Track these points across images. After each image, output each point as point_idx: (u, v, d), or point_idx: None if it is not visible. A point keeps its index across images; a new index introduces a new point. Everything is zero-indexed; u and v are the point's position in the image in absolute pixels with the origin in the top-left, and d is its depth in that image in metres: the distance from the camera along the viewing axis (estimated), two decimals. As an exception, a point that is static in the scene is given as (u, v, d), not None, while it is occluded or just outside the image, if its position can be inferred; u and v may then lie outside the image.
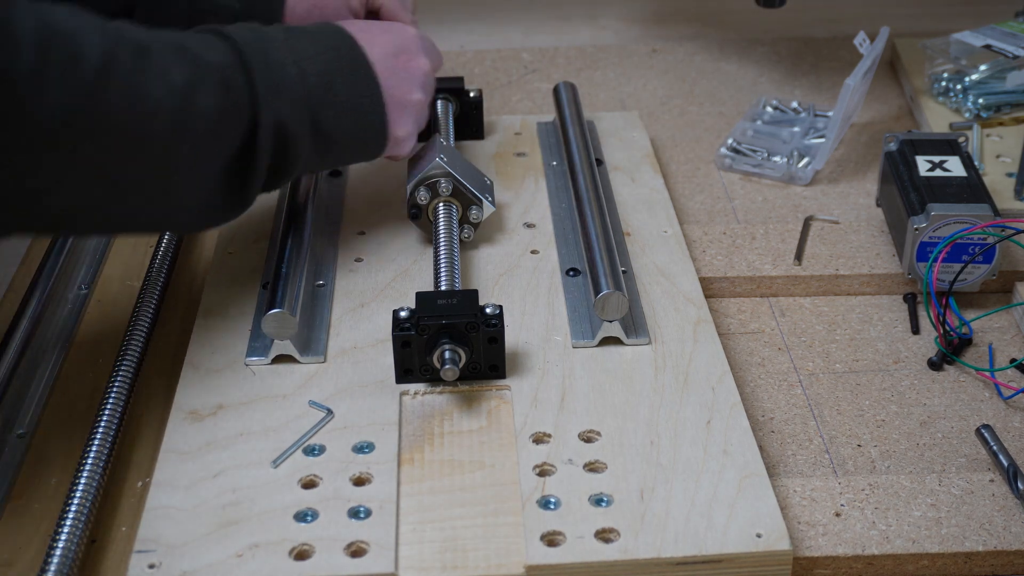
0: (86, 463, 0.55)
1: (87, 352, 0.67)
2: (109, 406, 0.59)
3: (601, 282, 0.62)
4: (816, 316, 0.70)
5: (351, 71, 0.61)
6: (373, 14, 0.79)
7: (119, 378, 0.61)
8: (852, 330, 0.69)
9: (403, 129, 0.64)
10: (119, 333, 0.66)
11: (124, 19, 0.73)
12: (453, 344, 0.58)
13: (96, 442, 0.56)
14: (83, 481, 0.54)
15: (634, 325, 0.64)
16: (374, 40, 0.63)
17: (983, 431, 0.59)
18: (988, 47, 0.86)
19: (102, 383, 0.61)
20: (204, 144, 0.54)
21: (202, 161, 0.54)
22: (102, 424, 0.57)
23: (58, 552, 0.50)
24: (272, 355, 0.61)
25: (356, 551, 0.51)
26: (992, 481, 0.56)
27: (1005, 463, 0.57)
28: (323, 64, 0.60)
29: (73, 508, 0.52)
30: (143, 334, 0.65)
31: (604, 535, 0.51)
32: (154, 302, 0.68)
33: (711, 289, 0.72)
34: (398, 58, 0.64)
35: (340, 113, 0.60)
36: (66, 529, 0.51)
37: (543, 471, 0.55)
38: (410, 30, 0.67)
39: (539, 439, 0.56)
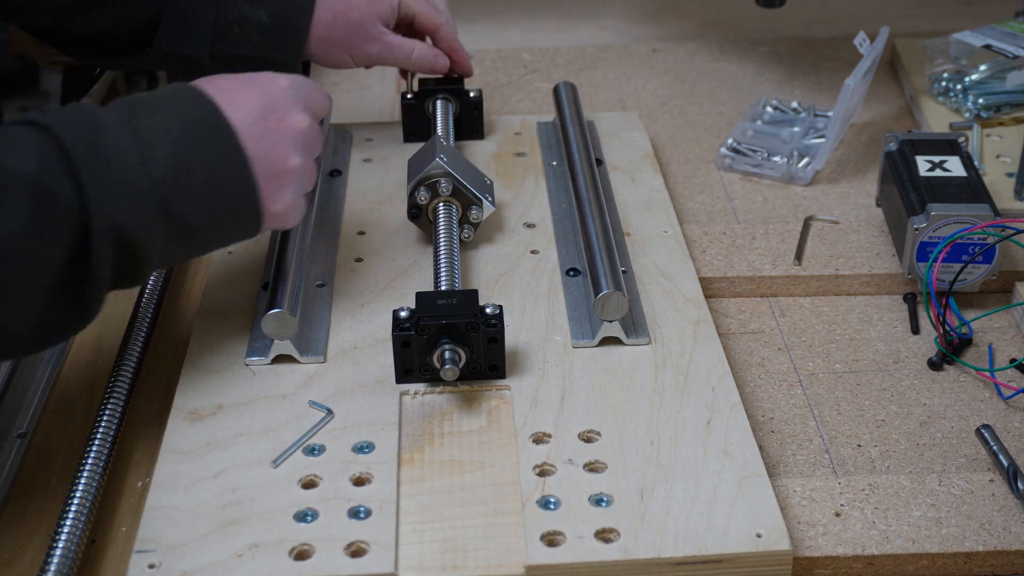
0: (86, 463, 0.55)
1: (87, 352, 0.67)
2: (109, 406, 0.59)
3: (601, 282, 0.62)
4: (816, 316, 0.70)
5: (211, 144, 0.53)
6: (406, 22, 0.78)
7: (119, 378, 0.61)
8: (852, 330, 0.69)
9: (281, 202, 0.56)
10: (119, 333, 0.66)
11: (145, 34, 0.72)
12: (453, 344, 0.58)
13: (96, 442, 0.56)
14: (83, 481, 0.54)
15: (634, 325, 0.64)
16: (238, 101, 0.54)
17: (983, 431, 0.59)
18: (988, 47, 0.86)
19: (102, 383, 0.61)
20: (11, 269, 0.47)
21: (14, 287, 0.47)
22: (102, 424, 0.57)
23: (58, 552, 0.50)
24: (272, 355, 0.61)
25: (356, 551, 0.51)
26: (992, 481, 0.56)
27: (1005, 463, 0.57)
28: (175, 142, 0.51)
29: (73, 508, 0.52)
30: (143, 334, 0.65)
31: (604, 535, 0.51)
32: (154, 302, 0.68)
33: (711, 289, 0.72)
34: (268, 119, 0.55)
35: (200, 197, 0.52)
36: (66, 529, 0.51)
37: (543, 471, 0.55)
38: (281, 81, 0.57)
39: (539, 439, 0.56)
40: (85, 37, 0.74)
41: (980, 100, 0.86)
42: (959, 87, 0.87)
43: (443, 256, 0.65)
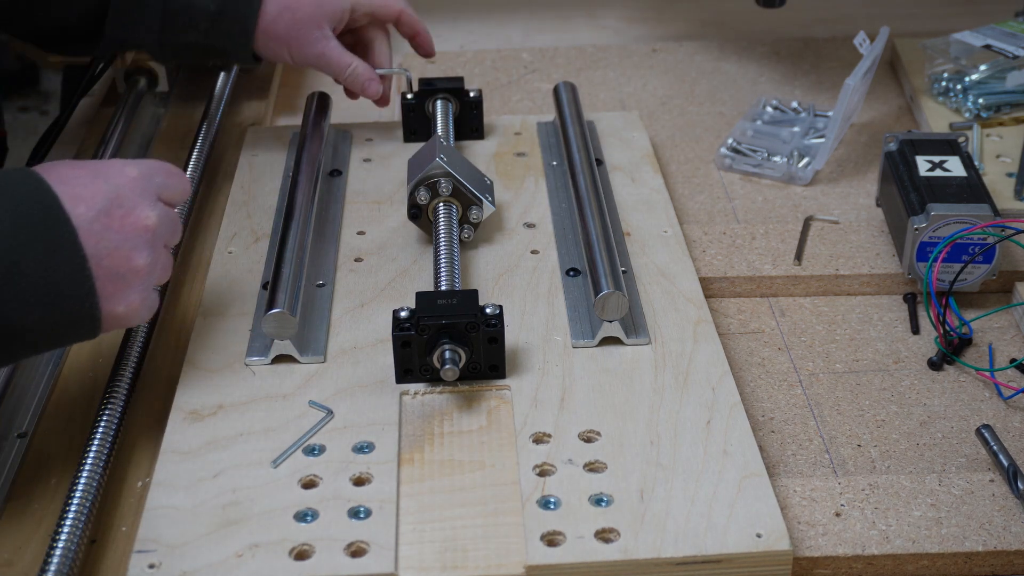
0: (86, 463, 0.55)
1: (87, 352, 0.66)
2: (109, 406, 0.58)
3: (601, 282, 0.62)
4: (816, 316, 0.70)
5: (46, 242, 0.49)
6: (365, 19, 0.76)
7: (119, 378, 0.60)
8: (852, 330, 0.69)
9: (123, 304, 0.52)
10: (119, 333, 0.66)
11: (94, 23, 0.70)
12: (453, 344, 0.58)
13: (96, 442, 0.56)
14: (83, 481, 0.54)
15: (634, 325, 0.63)
16: (80, 194, 0.50)
17: (983, 431, 0.59)
18: (988, 47, 0.86)
19: (102, 383, 0.61)
20: None
21: None
22: (102, 424, 0.57)
23: (58, 552, 0.50)
24: (272, 355, 0.61)
25: (356, 551, 0.51)
26: (992, 481, 0.56)
27: (1005, 463, 0.57)
28: (2, 238, 0.48)
29: (73, 508, 0.52)
30: (143, 334, 0.64)
31: (604, 535, 0.51)
32: (154, 302, 0.68)
33: (711, 289, 0.72)
34: (111, 215, 0.51)
35: (28, 302, 0.48)
36: (66, 529, 0.51)
37: (543, 471, 0.55)
38: (130, 171, 0.53)
39: (539, 439, 0.56)
40: (35, 28, 0.73)
41: (980, 100, 0.86)
42: (959, 87, 0.87)
43: (443, 256, 0.65)
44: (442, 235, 0.67)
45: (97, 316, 0.52)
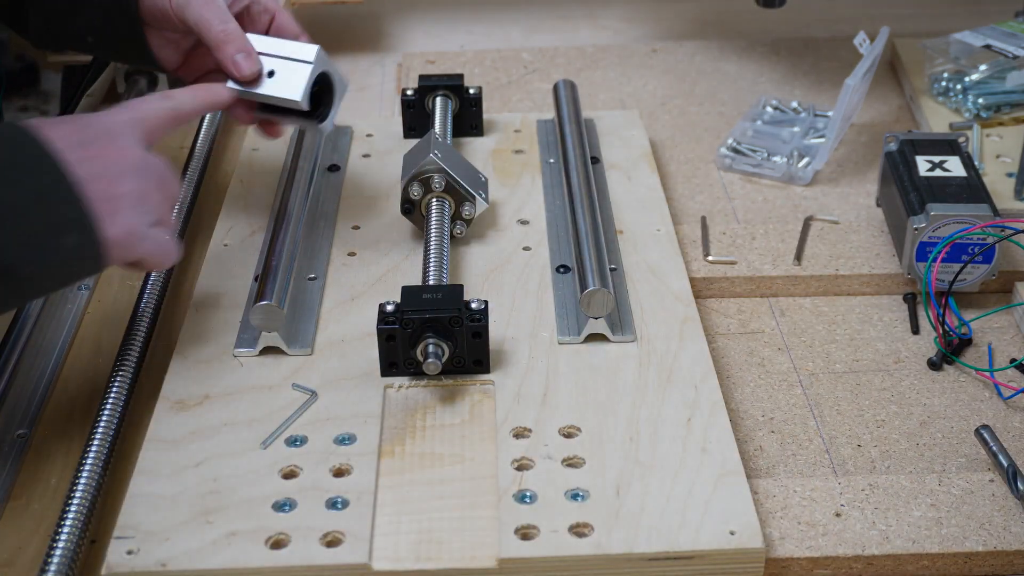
0: (86, 463, 0.55)
1: (87, 352, 0.66)
2: (109, 406, 0.58)
3: (588, 279, 0.62)
4: (816, 316, 0.70)
5: (32, 175, 0.48)
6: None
7: (119, 378, 0.60)
8: (852, 330, 0.69)
9: (120, 226, 0.51)
10: (119, 333, 0.65)
11: None
12: (436, 338, 0.57)
13: (96, 442, 0.56)
14: (83, 481, 0.54)
15: (620, 322, 0.63)
16: (52, 130, 0.50)
17: (983, 431, 0.58)
18: (988, 47, 0.86)
19: (102, 383, 0.61)
20: None
21: None
22: (102, 424, 0.57)
23: (58, 552, 0.50)
24: (260, 347, 0.61)
25: (332, 541, 0.51)
26: (992, 481, 0.56)
27: (1005, 463, 0.56)
28: None
29: (73, 508, 0.52)
30: (143, 334, 0.64)
31: (578, 530, 0.51)
32: (154, 301, 0.67)
33: (711, 289, 0.71)
34: (88, 148, 0.51)
35: (25, 237, 0.48)
36: (66, 529, 0.51)
37: (521, 465, 0.54)
38: (103, 122, 0.53)
39: (519, 434, 0.56)
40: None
41: (980, 100, 0.85)
42: (959, 87, 0.86)
43: (432, 251, 0.65)
44: (433, 230, 0.67)
45: (95, 238, 0.50)
